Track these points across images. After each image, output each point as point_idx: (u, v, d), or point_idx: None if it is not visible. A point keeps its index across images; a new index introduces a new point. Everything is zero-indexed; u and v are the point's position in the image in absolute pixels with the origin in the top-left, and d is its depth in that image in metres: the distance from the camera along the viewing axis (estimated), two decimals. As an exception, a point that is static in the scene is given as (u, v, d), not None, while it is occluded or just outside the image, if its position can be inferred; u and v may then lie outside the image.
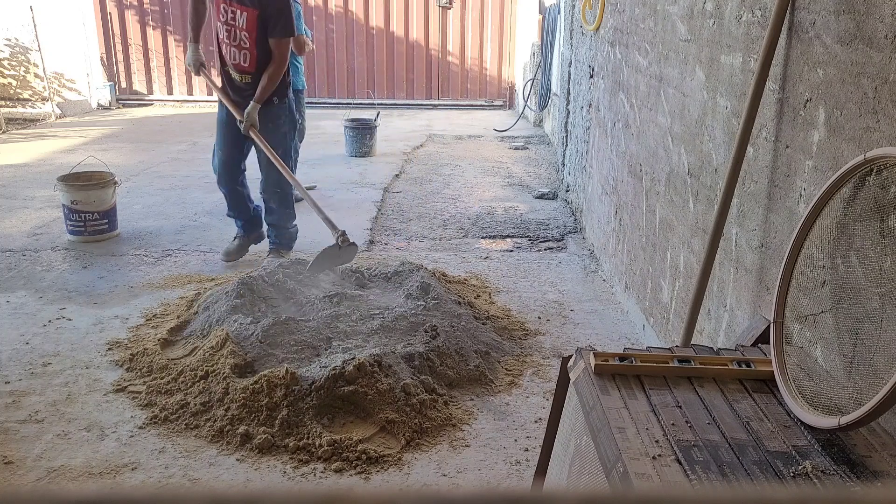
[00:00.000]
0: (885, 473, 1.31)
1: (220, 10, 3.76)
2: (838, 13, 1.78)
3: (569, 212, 5.63)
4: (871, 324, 1.53)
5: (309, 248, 4.70)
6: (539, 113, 9.30)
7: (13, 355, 3.21)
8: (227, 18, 3.76)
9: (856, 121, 1.70)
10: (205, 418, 2.70)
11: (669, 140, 3.10)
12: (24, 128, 8.81)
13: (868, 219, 1.57)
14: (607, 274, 4.26)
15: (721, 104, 2.52)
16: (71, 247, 4.65)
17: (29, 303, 3.79)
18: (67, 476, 2.42)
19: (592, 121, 4.80)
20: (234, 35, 3.80)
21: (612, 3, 4.21)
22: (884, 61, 1.59)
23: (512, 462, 2.55)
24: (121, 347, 3.31)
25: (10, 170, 6.60)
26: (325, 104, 10.61)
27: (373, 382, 2.72)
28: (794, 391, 1.55)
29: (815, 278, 1.73)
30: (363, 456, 2.50)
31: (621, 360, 1.68)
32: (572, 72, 5.64)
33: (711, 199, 2.60)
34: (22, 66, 9.77)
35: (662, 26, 3.21)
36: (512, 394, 3.00)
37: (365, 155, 7.46)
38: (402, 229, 5.19)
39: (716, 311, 2.57)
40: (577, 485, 1.61)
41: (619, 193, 3.99)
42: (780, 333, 1.69)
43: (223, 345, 3.04)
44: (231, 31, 3.79)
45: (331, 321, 3.27)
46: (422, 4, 10.65)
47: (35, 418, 2.74)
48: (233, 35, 3.80)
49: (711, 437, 1.43)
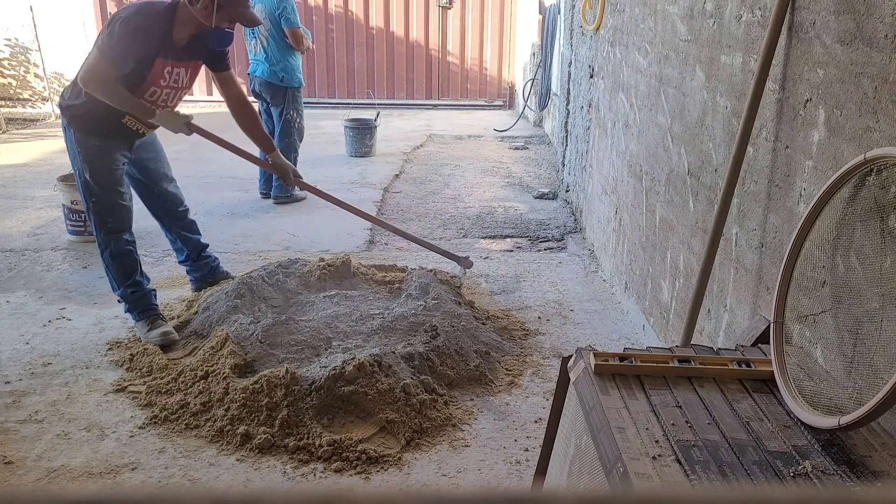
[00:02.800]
0: (885, 473, 1.31)
1: (162, 76, 3.16)
2: (838, 13, 1.78)
3: (569, 212, 5.63)
4: (871, 324, 1.53)
5: (309, 247, 4.71)
6: (539, 113, 9.30)
7: (13, 355, 3.21)
8: (169, 81, 3.20)
9: (856, 121, 1.70)
10: (205, 418, 2.70)
11: (669, 140, 3.10)
12: (24, 128, 8.81)
13: (868, 219, 1.57)
14: (607, 274, 4.26)
15: (721, 104, 2.52)
16: (71, 247, 4.65)
17: (29, 303, 3.79)
18: (67, 476, 2.42)
19: (592, 121, 4.80)
20: (173, 96, 3.29)
21: (612, 3, 4.21)
22: (884, 61, 1.59)
23: (512, 462, 2.55)
24: (121, 347, 3.31)
25: (10, 170, 6.60)
26: (325, 104, 10.62)
27: (373, 382, 2.72)
28: (794, 391, 1.55)
29: (815, 278, 1.73)
30: (363, 456, 2.50)
31: (621, 360, 1.68)
32: (572, 72, 5.64)
33: (711, 199, 2.60)
34: (22, 66, 9.77)
35: (662, 26, 3.21)
36: (512, 394, 3.00)
37: (365, 155, 7.47)
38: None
39: (716, 311, 2.57)
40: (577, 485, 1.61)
41: (619, 193, 3.99)
42: (780, 333, 1.69)
43: (223, 345, 3.04)
44: (172, 93, 3.27)
45: (331, 321, 3.27)
46: (422, 4, 10.65)
47: (35, 418, 2.74)
48: (171, 97, 3.28)
49: (711, 437, 1.43)
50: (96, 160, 3.22)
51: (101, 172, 3.24)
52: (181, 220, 3.76)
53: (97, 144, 3.22)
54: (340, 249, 4.54)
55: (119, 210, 3.33)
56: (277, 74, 5.56)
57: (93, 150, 3.22)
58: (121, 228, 3.34)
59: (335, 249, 4.59)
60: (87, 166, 3.23)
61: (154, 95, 3.19)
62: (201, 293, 3.81)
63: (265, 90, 5.64)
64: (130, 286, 3.40)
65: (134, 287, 3.40)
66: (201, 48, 3.25)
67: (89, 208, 3.31)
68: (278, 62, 5.55)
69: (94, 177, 3.23)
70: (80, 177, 3.27)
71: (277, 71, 5.55)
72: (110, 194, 3.28)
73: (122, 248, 3.37)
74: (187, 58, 3.23)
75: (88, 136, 3.21)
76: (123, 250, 3.37)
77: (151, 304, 3.43)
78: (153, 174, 3.54)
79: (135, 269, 3.42)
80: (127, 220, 3.38)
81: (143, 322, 3.36)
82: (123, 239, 3.37)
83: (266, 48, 5.53)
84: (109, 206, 3.28)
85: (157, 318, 3.39)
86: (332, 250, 4.58)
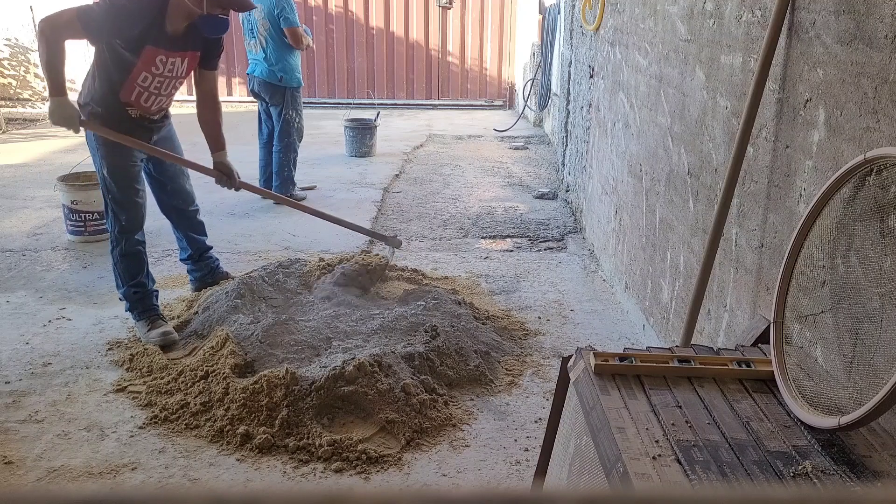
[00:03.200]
0: (885, 473, 1.31)
1: (154, 63, 3.12)
2: (838, 13, 1.78)
3: (569, 212, 5.63)
4: (871, 324, 1.53)
5: (309, 247, 4.71)
6: (539, 113, 9.30)
7: (13, 355, 3.21)
8: (163, 70, 3.16)
9: (856, 121, 1.70)
10: (205, 418, 2.70)
11: (669, 140, 3.10)
12: (24, 128, 8.81)
13: (868, 219, 1.57)
14: (607, 274, 4.26)
15: (721, 104, 2.52)
16: (71, 247, 4.65)
17: (29, 303, 3.79)
18: (67, 476, 2.42)
19: (592, 121, 4.80)
20: (167, 85, 3.25)
21: (612, 3, 4.21)
22: (884, 61, 1.59)
23: (512, 462, 2.55)
24: (121, 347, 3.31)
25: (10, 170, 6.60)
26: (325, 104, 10.62)
27: (373, 382, 2.72)
28: (794, 391, 1.55)
29: (815, 278, 1.73)
30: (363, 456, 2.50)
31: (621, 360, 1.68)
32: (572, 72, 5.64)
33: (711, 199, 2.60)
34: (22, 66, 9.77)
35: (662, 26, 3.21)
36: (512, 394, 3.00)
37: (365, 155, 7.47)
38: (402, 229, 5.18)
39: (716, 311, 2.57)
40: (577, 485, 1.61)
41: (619, 193, 3.99)
42: (780, 333, 1.69)
43: (223, 345, 3.04)
44: (165, 82, 3.22)
45: (331, 321, 3.27)
46: (422, 4, 10.65)
47: (35, 418, 2.74)
48: (165, 85, 3.24)
49: (711, 437, 1.43)
50: (113, 157, 3.27)
51: (118, 169, 3.28)
52: (190, 220, 3.77)
53: (114, 141, 3.25)
54: (340, 249, 4.54)
55: (133, 208, 3.35)
56: (276, 74, 5.56)
57: (110, 147, 3.25)
58: (133, 227, 3.37)
59: (335, 249, 4.59)
60: (104, 163, 3.27)
61: (146, 81, 3.18)
62: (201, 293, 3.81)
63: (264, 90, 5.64)
64: (134, 286, 3.41)
65: (137, 287, 3.41)
66: (198, 38, 3.23)
67: (107, 204, 3.37)
68: (277, 62, 5.55)
69: (111, 173, 3.28)
70: (100, 173, 3.33)
71: (276, 71, 5.55)
72: (126, 191, 3.31)
73: (132, 248, 3.39)
74: (183, 48, 3.20)
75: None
76: (133, 251, 3.39)
77: (152, 304, 3.44)
78: (169, 170, 3.57)
79: (141, 270, 3.43)
80: (140, 218, 3.40)
81: (143, 322, 3.37)
82: (135, 239, 3.39)
83: (265, 48, 5.53)
84: (124, 203, 3.32)
85: (158, 319, 3.39)
86: (331, 250, 4.58)
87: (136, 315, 3.40)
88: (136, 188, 3.34)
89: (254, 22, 5.54)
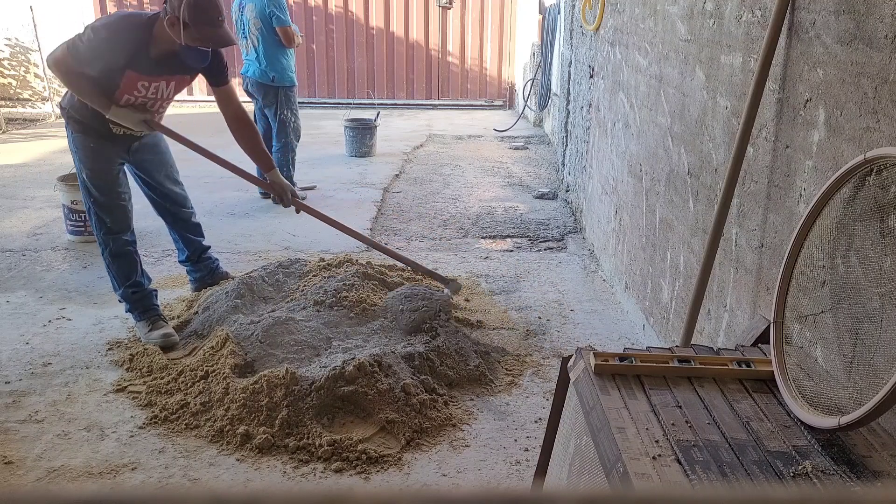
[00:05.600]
0: (885, 473, 1.31)
1: (136, 87, 3.11)
2: (838, 13, 1.78)
3: (569, 212, 5.63)
4: (871, 324, 1.52)
5: (309, 247, 4.70)
6: (539, 113, 9.30)
7: (13, 355, 3.21)
8: (146, 94, 3.16)
9: (856, 121, 1.70)
10: (205, 418, 2.70)
11: (669, 140, 3.10)
12: (24, 128, 8.81)
13: (868, 219, 1.57)
14: (607, 274, 4.26)
15: (721, 104, 2.52)
16: (71, 247, 4.65)
17: (29, 303, 3.79)
18: (67, 476, 2.42)
19: (592, 121, 4.80)
20: (153, 104, 3.24)
21: (612, 3, 4.21)
22: (884, 61, 1.59)
23: (512, 462, 2.55)
24: (121, 347, 3.31)
25: (10, 170, 6.60)
26: (325, 104, 10.62)
27: (373, 382, 2.72)
28: (794, 391, 1.55)
29: (815, 278, 1.73)
30: (363, 456, 2.50)
31: (621, 360, 1.68)
32: (572, 72, 5.64)
33: (711, 199, 2.60)
34: (22, 66, 9.77)
35: (662, 26, 3.21)
36: (512, 394, 3.00)
37: (365, 155, 7.47)
38: (402, 229, 5.18)
39: (716, 311, 2.57)
40: (577, 485, 1.61)
41: (619, 193, 3.99)
42: (780, 333, 1.69)
43: (223, 345, 3.04)
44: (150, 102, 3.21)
45: (331, 321, 3.27)
46: (422, 4, 10.64)
47: (35, 418, 2.74)
48: (153, 105, 3.25)
49: (711, 437, 1.43)
50: (92, 161, 3.24)
51: (97, 173, 3.25)
52: (185, 222, 3.75)
53: (92, 146, 3.23)
54: (340, 250, 4.54)
55: (117, 210, 3.33)
56: (268, 74, 5.54)
57: (88, 151, 3.23)
58: (120, 228, 3.34)
59: (335, 249, 4.59)
60: (83, 166, 3.24)
61: (129, 102, 3.16)
62: (201, 293, 3.81)
63: (257, 90, 5.62)
64: (131, 286, 3.40)
65: (134, 287, 3.40)
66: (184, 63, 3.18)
67: (89, 208, 3.32)
68: (269, 62, 5.52)
69: (91, 177, 3.25)
70: (80, 176, 3.30)
71: (268, 71, 5.53)
72: (107, 194, 3.28)
73: (121, 249, 3.37)
74: (167, 72, 3.17)
75: (85, 137, 3.23)
76: (123, 250, 3.37)
77: (152, 304, 3.43)
78: (156, 175, 3.54)
79: (135, 269, 3.42)
80: (126, 220, 3.37)
81: (143, 322, 3.36)
82: (123, 239, 3.37)
83: (257, 48, 5.52)
84: (107, 206, 3.29)
85: (159, 319, 3.39)
86: (331, 250, 4.58)
87: (137, 315, 3.40)
88: (117, 191, 3.32)
89: (245, 22, 5.53)
